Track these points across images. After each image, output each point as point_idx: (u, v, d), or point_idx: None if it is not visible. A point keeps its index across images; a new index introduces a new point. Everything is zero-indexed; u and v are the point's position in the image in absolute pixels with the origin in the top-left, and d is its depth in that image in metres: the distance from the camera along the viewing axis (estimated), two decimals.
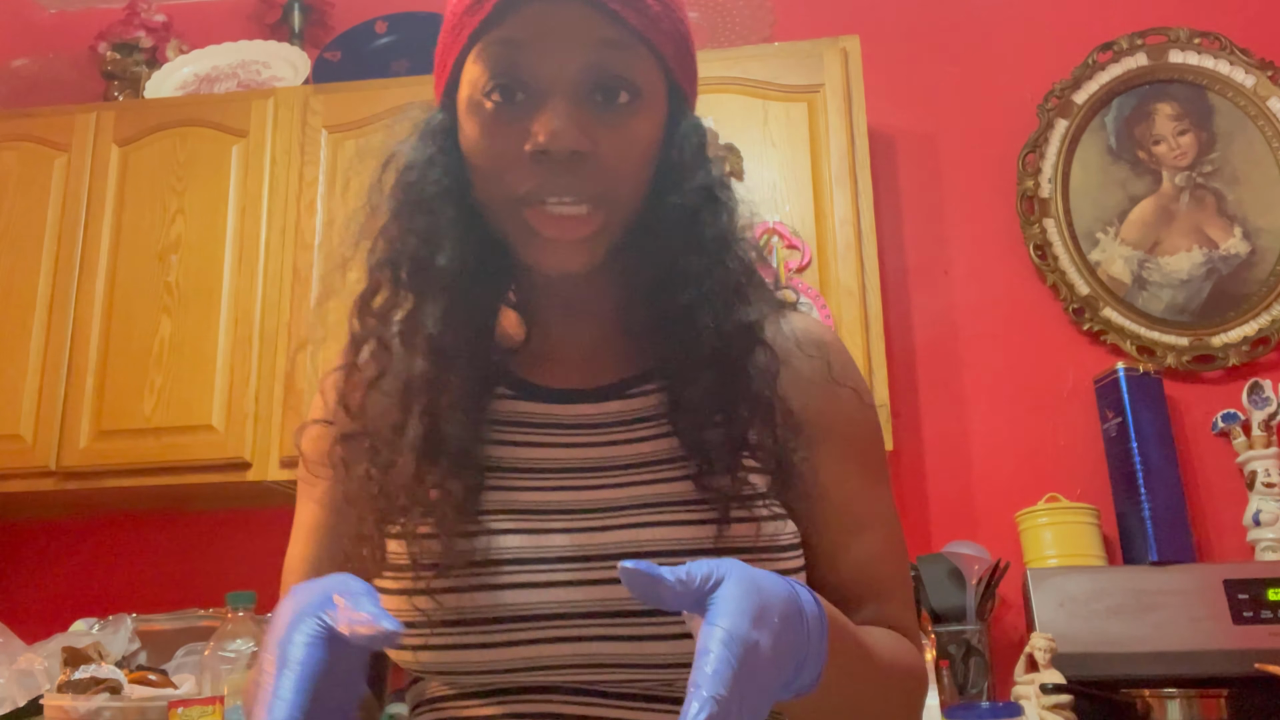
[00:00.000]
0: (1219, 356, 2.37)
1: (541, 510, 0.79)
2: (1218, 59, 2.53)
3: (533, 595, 0.75)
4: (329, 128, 2.40)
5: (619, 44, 0.77)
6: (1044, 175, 2.52)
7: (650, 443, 0.81)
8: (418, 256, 0.80)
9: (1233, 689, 1.91)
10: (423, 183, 0.81)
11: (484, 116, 0.77)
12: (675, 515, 0.77)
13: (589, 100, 0.76)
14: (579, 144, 0.75)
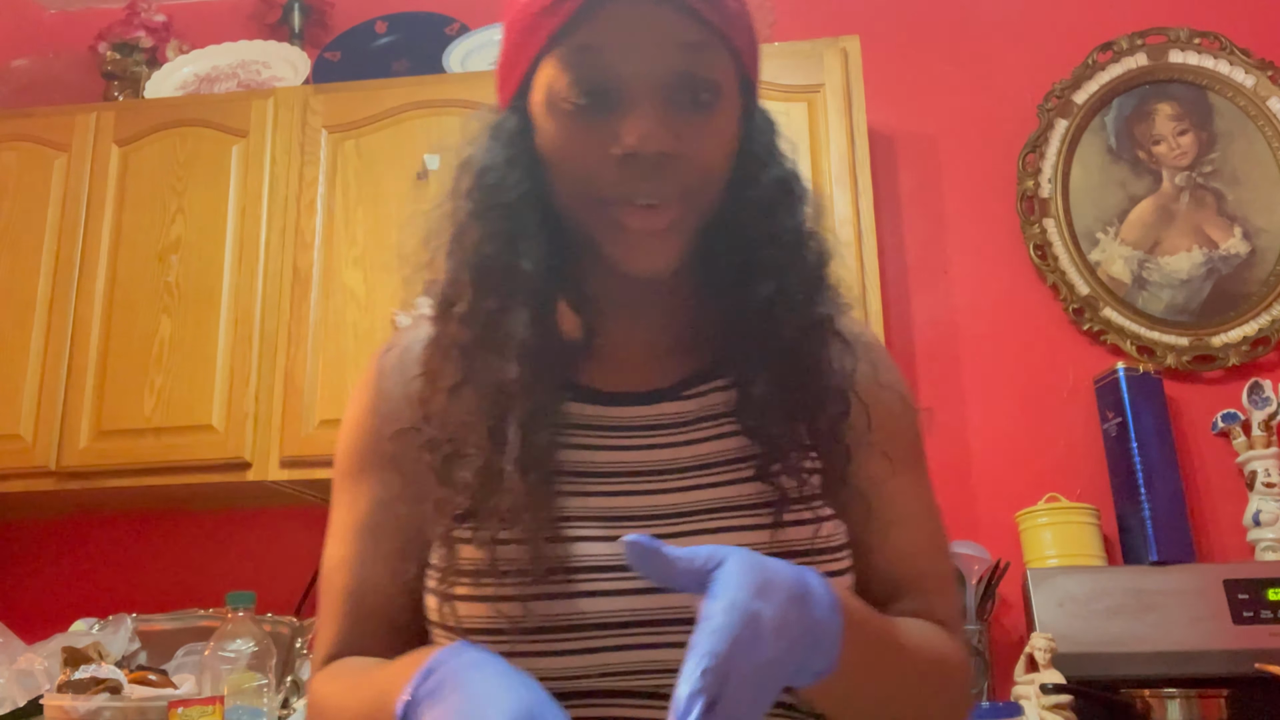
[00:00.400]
0: (1219, 356, 2.37)
1: (613, 516, 0.78)
2: (1218, 59, 2.53)
3: (610, 603, 0.75)
4: (329, 128, 2.40)
5: (701, 45, 0.77)
6: (1044, 175, 2.52)
7: (711, 443, 0.82)
8: (503, 262, 0.79)
9: (1233, 689, 1.91)
10: (502, 186, 0.80)
11: (568, 120, 0.77)
12: (741, 520, 0.78)
13: (673, 101, 0.76)
14: (667, 145, 0.75)
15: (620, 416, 0.83)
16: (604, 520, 0.78)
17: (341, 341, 2.26)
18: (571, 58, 0.76)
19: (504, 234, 0.79)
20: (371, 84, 2.46)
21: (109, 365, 2.31)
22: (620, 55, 0.75)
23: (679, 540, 0.75)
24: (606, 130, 0.76)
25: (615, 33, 0.75)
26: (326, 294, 2.29)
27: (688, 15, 0.76)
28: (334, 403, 2.22)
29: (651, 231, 0.77)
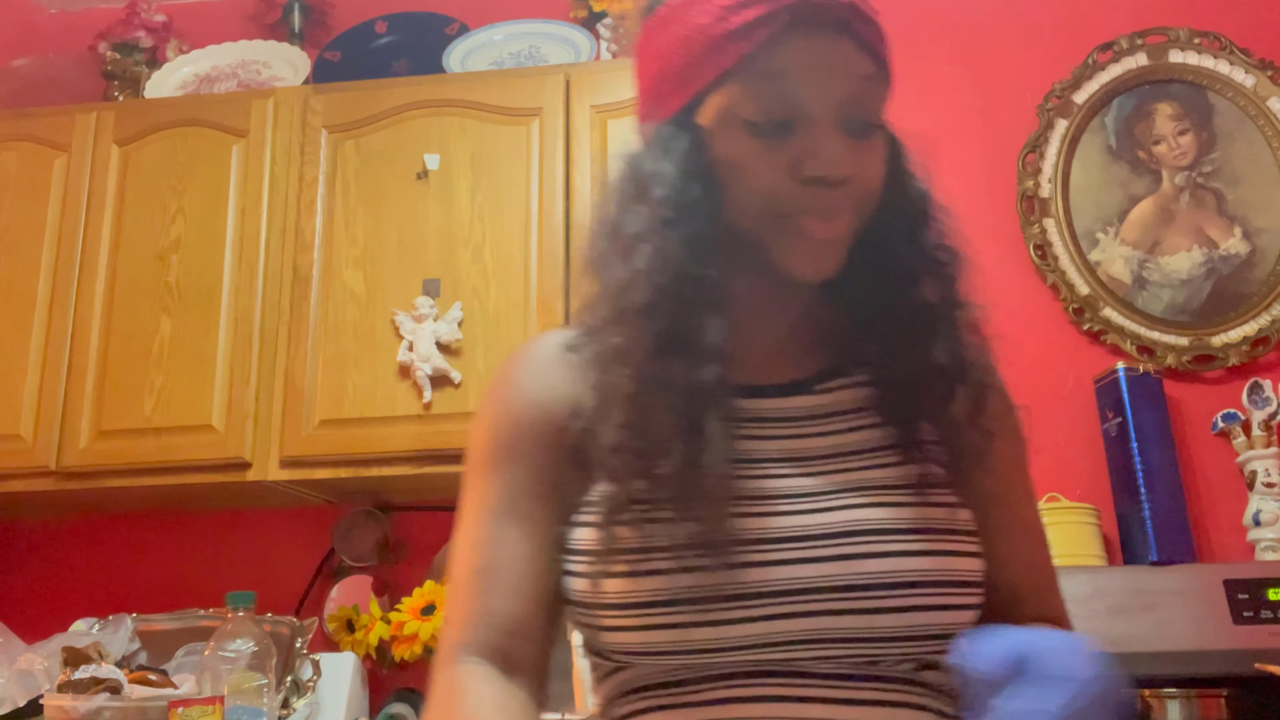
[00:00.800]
0: (1219, 356, 2.37)
1: (769, 495, 0.83)
2: (1218, 59, 2.53)
3: (765, 573, 0.80)
4: (329, 128, 2.40)
5: (874, 78, 0.84)
6: (1044, 175, 2.52)
7: (853, 434, 0.87)
8: (690, 270, 0.82)
9: (1233, 689, 1.91)
10: (683, 199, 0.83)
11: (750, 142, 0.82)
12: (889, 497, 0.83)
13: (848, 128, 0.83)
14: (849, 169, 0.82)
15: (762, 408, 0.88)
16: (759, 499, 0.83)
17: (341, 341, 2.26)
18: (759, 82, 0.81)
19: (690, 243, 0.83)
20: (371, 84, 2.46)
21: (109, 365, 2.31)
22: (804, 83, 0.81)
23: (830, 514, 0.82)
24: (789, 152, 0.82)
25: (801, 62, 0.81)
26: (326, 294, 2.29)
27: (865, 49, 0.83)
28: (334, 403, 2.23)
29: (829, 239, 0.83)
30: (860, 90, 0.83)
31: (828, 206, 0.82)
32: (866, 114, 0.84)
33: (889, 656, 0.81)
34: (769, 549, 0.80)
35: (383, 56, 2.65)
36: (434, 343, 2.20)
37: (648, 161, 0.86)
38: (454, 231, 2.29)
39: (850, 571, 0.79)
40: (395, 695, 2.32)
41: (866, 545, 0.80)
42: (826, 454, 0.86)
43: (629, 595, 0.80)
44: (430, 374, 2.19)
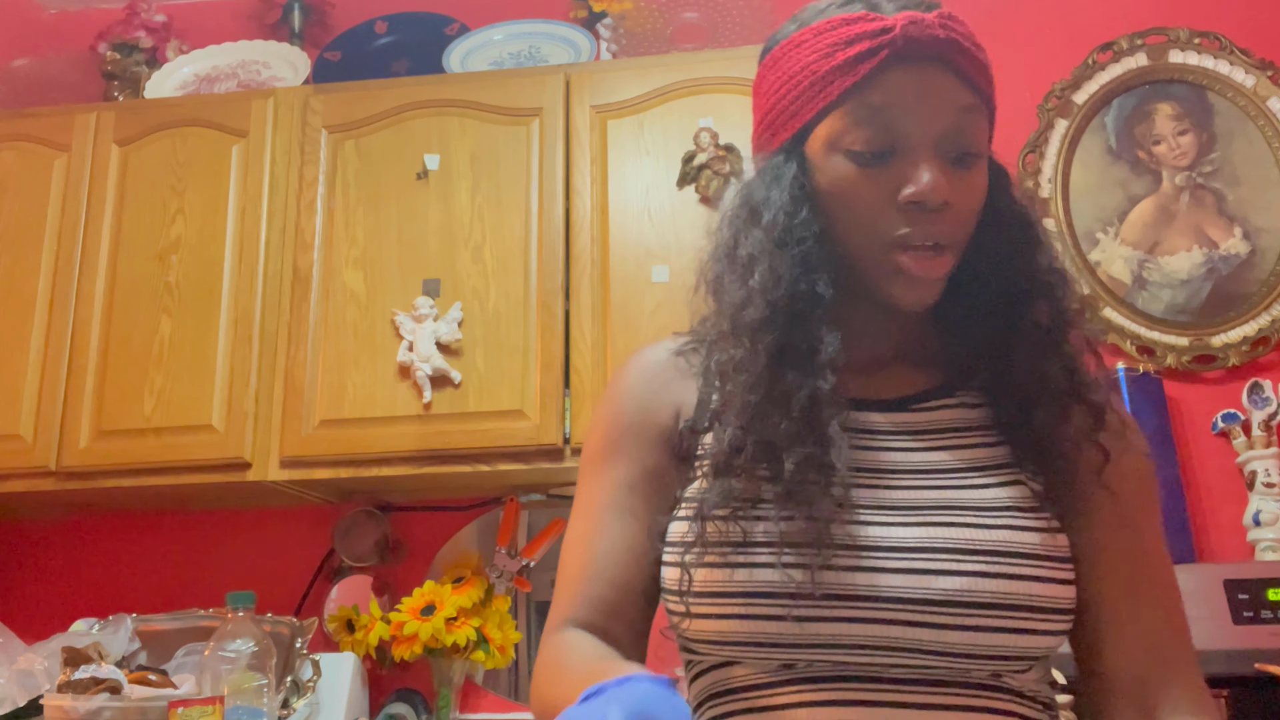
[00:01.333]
0: (1219, 356, 2.37)
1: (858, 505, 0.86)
2: (1218, 59, 2.53)
3: (844, 578, 0.83)
4: (329, 128, 2.40)
5: (973, 109, 0.88)
6: (1044, 175, 2.52)
7: (948, 453, 0.90)
8: (803, 289, 0.87)
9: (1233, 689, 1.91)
10: (791, 222, 0.89)
11: (856, 170, 0.87)
12: (976, 519, 0.85)
13: (947, 157, 0.87)
14: (949, 196, 0.86)
15: (875, 421, 0.92)
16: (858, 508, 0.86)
17: (341, 341, 2.26)
18: (862, 113, 0.86)
19: (800, 263, 0.88)
20: (371, 84, 2.46)
21: (109, 365, 2.31)
22: (906, 114, 0.86)
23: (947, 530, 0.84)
24: (890, 179, 0.86)
25: (903, 93, 0.86)
26: (326, 294, 2.29)
27: (964, 81, 0.87)
28: (334, 403, 2.23)
29: (930, 277, 0.87)
30: (959, 121, 0.87)
31: (931, 233, 0.86)
32: (966, 144, 0.87)
33: (964, 670, 0.83)
34: (857, 555, 0.84)
35: (383, 56, 2.65)
36: (434, 343, 2.20)
37: (759, 189, 0.92)
38: (454, 231, 2.29)
39: (924, 586, 0.82)
40: (395, 695, 2.32)
41: (942, 563, 0.83)
42: (920, 469, 0.89)
43: (718, 585, 0.85)
44: (430, 374, 2.19)
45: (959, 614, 0.81)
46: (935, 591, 0.82)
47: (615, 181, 2.27)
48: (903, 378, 0.96)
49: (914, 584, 0.82)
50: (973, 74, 0.88)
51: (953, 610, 0.81)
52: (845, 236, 0.89)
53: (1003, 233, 0.92)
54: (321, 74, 2.62)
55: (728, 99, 2.25)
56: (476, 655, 2.22)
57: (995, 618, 0.82)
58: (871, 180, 0.87)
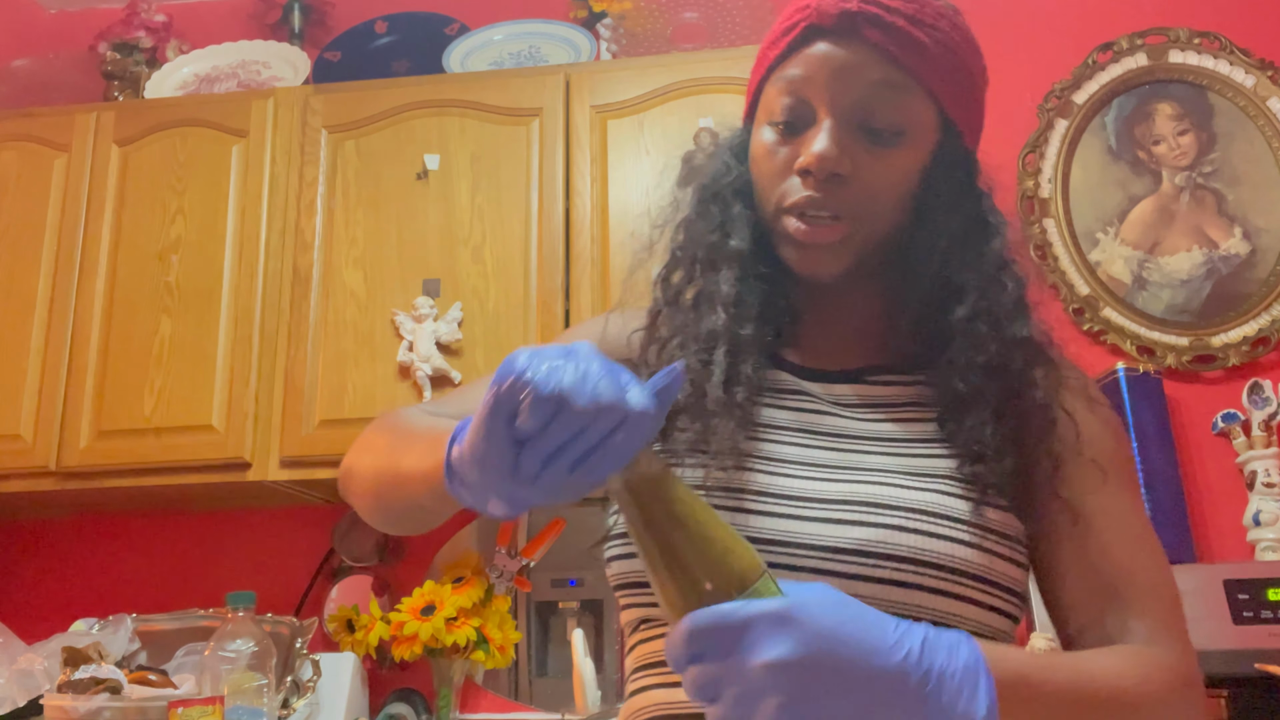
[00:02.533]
0: (1219, 356, 2.37)
1: (783, 459, 0.87)
2: (1218, 59, 2.53)
3: (756, 521, 0.83)
4: (329, 128, 2.40)
5: (891, 85, 0.87)
6: (1044, 175, 2.52)
7: (890, 424, 0.89)
8: (712, 240, 0.93)
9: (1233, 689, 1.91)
10: (718, 184, 0.95)
11: (768, 137, 0.90)
12: (901, 481, 0.84)
13: (856, 131, 0.87)
14: (839, 167, 0.86)
15: (815, 389, 0.93)
16: (771, 460, 0.87)
17: (341, 341, 2.26)
18: (782, 84, 0.90)
19: (716, 220, 0.93)
20: (371, 84, 2.46)
21: (109, 365, 2.31)
22: (816, 84, 0.87)
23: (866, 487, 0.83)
24: (794, 149, 0.88)
25: (817, 66, 0.87)
26: (326, 294, 2.29)
27: (880, 55, 0.86)
28: (334, 403, 2.23)
29: (816, 244, 0.87)
30: (871, 96, 0.86)
31: (819, 204, 0.86)
32: (882, 120, 0.87)
33: None
34: (775, 503, 0.84)
35: (383, 56, 2.65)
36: (434, 343, 2.20)
37: (706, 159, 0.98)
38: (454, 231, 2.29)
39: (837, 535, 0.81)
40: (395, 695, 2.32)
41: (858, 514, 0.82)
42: (857, 435, 0.89)
43: None
44: (430, 374, 2.19)
45: (869, 564, 0.80)
46: (847, 540, 0.81)
47: (615, 181, 2.27)
48: (852, 352, 0.95)
49: (828, 532, 0.81)
50: (897, 52, 0.86)
51: (863, 560, 0.80)
52: (758, 202, 0.92)
53: (947, 219, 0.91)
54: (321, 74, 2.62)
55: (728, 99, 2.25)
56: (476, 655, 2.22)
57: (907, 573, 0.79)
58: (779, 149, 0.89)
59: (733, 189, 0.94)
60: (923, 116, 0.88)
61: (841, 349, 0.96)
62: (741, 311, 0.90)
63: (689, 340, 0.91)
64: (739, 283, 0.91)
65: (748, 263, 0.91)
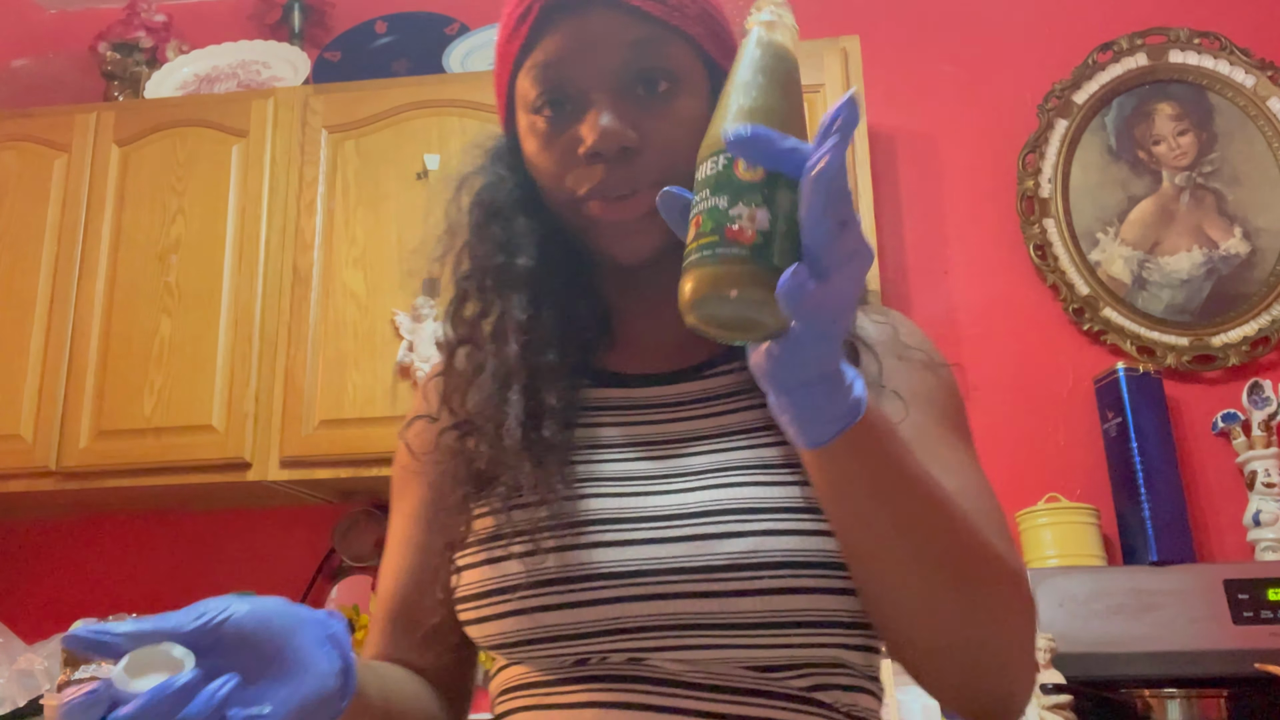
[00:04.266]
0: (1219, 356, 2.37)
1: (628, 478, 0.81)
2: (1218, 59, 2.53)
3: (614, 553, 0.77)
4: (329, 128, 2.40)
5: (648, 39, 0.82)
6: (1044, 175, 2.52)
7: (733, 415, 0.84)
8: (499, 262, 0.86)
9: (1233, 689, 1.91)
10: (495, 199, 0.88)
11: (539, 132, 0.84)
12: (761, 476, 0.78)
13: (631, 96, 0.81)
14: (627, 140, 0.80)
15: (641, 396, 0.87)
16: (616, 480, 0.81)
17: (341, 341, 2.26)
18: (533, 74, 0.83)
19: (498, 239, 0.87)
20: (371, 84, 2.46)
21: (109, 365, 2.31)
22: (573, 64, 0.81)
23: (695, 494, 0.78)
24: (572, 135, 0.82)
25: (566, 44, 0.81)
26: (326, 294, 2.29)
27: (629, 14, 0.81)
28: (334, 403, 2.23)
29: (623, 222, 0.82)
30: (632, 56, 0.81)
31: (617, 181, 0.81)
32: (649, 75, 0.81)
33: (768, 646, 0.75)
34: (621, 529, 0.77)
35: (383, 56, 2.65)
36: (434, 343, 2.20)
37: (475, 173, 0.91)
38: None
39: (707, 552, 0.75)
40: None
41: (727, 525, 0.76)
42: (700, 436, 0.83)
43: (485, 584, 0.80)
44: None
45: (748, 578, 0.73)
46: (718, 557, 0.74)
47: None
48: (684, 349, 0.89)
49: (693, 551, 0.75)
50: (645, 5, 0.81)
51: (740, 575, 0.73)
52: (549, 202, 0.85)
53: None
54: (321, 74, 2.62)
55: None
56: None
57: (788, 578, 0.73)
58: (556, 140, 0.83)
59: (510, 201, 0.87)
60: (687, 61, 0.83)
61: (671, 348, 0.89)
62: (538, 338, 0.84)
63: (486, 379, 0.85)
64: (532, 306, 0.85)
65: (540, 281, 0.85)
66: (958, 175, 2.57)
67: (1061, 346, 2.43)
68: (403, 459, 0.95)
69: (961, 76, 2.61)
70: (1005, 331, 2.46)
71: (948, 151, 2.58)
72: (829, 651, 0.77)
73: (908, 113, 2.59)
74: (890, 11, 2.68)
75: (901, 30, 2.65)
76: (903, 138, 2.59)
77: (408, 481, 0.95)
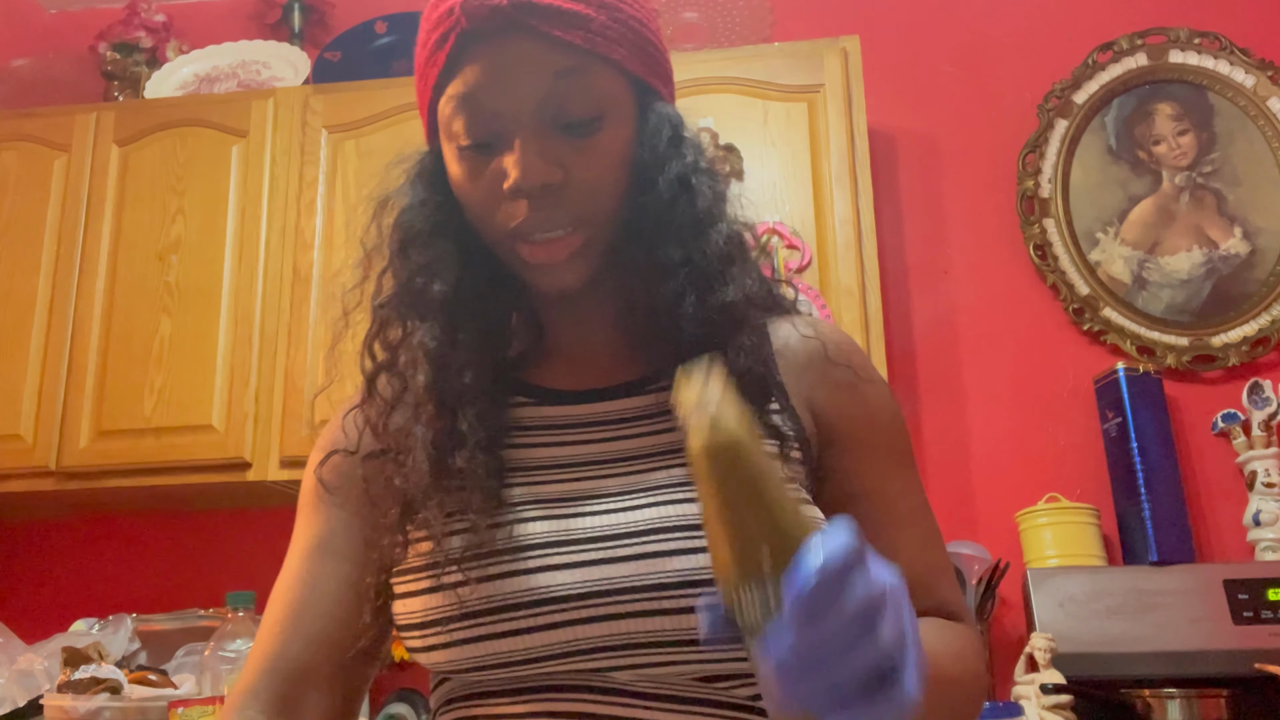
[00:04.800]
0: (1219, 356, 2.37)
1: (568, 499, 0.80)
2: (1218, 59, 2.53)
3: (562, 576, 0.75)
4: (329, 128, 2.40)
5: (572, 70, 0.78)
6: (1044, 175, 2.52)
7: (670, 434, 0.82)
8: (417, 287, 0.84)
9: (1233, 689, 1.91)
10: (416, 222, 0.85)
11: (463, 164, 0.81)
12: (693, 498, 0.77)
13: (553, 131, 0.78)
14: (550, 176, 0.77)
15: (581, 413, 0.85)
16: (556, 502, 0.80)
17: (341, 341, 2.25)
18: (455, 104, 0.80)
19: (417, 264, 0.84)
20: (371, 84, 2.46)
21: (109, 365, 2.31)
22: (494, 96, 0.78)
23: (637, 513, 0.76)
24: (496, 170, 0.79)
25: (486, 75, 0.78)
26: (326, 294, 2.29)
27: (550, 43, 0.77)
28: (334, 403, 2.22)
29: (552, 264, 0.80)
30: (556, 88, 0.77)
31: (542, 220, 0.79)
32: (573, 109, 0.78)
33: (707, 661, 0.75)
34: (568, 551, 0.76)
35: (383, 56, 2.65)
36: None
37: (397, 194, 0.89)
38: None
39: (656, 570, 0.74)
40: (395, 695, 2.32)
41: (674, 542, 0.75)
42: (642, 454, 0.81)
43: (429, 613, 0.78)
44: None
45: (697, 594, 0.73)
46: (667, 574, 0.73)
47: None
48: (615, 366, 0.87)
49: (641, 570, 0.74)
50: (565, 33, 0.77)
51: (688, 591, 0.73)
52: (481, 231, 0.83)
53: (649, 193, 0.81)
54: (321, 74, 2.62)
55: (728, 99, 2.25)
56: None
57: None
58: (480, 172, 0.80)
59: (431, 226, 0.85)
60: (614, 90, 0.80)
61: (604, 362, 0.88)
62: (454, 362, 0.82)
63: (408, 410, 0.83)
64: (445, 332, 0.83)
65: (458, 305, 0.83)
66: (958, 175, 2.57)
67: (1061, 346, 2.43)
68: (312, 492, 0.92)
69: (961, 76, 2.61)
70: (1005, 331, 2.46)
71: (948, 151, 2.58)
72: None
73: (908, 113, 2.59)
74: (890, 11, 2.68)
75: (901, 30, 2.65)
76: (903, 138, 2.59)
77: (316, 508, 0.92)
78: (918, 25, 2.66)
